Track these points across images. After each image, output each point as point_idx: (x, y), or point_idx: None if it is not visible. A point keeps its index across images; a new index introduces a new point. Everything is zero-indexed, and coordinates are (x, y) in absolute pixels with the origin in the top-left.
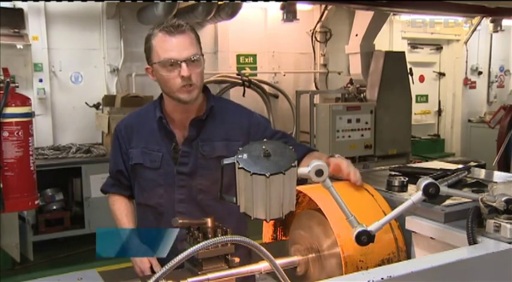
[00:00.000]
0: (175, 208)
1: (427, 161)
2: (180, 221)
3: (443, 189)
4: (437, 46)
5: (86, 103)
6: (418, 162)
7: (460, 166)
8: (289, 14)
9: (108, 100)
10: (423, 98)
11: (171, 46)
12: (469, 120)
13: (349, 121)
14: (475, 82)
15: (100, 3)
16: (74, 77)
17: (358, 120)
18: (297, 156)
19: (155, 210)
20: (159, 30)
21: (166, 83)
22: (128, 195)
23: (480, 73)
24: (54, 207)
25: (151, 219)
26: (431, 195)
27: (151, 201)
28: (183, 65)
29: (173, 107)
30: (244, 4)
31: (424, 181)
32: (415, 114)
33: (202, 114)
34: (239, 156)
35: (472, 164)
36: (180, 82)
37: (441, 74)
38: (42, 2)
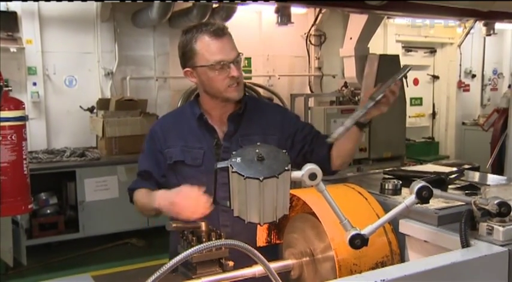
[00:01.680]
0: (218, 206)
1: (421, 163)
2: (174, 225)
3: (437, 192)
4: (431, 49)
5: (80, 106)
6: (412, 165)
7: (454, 169)
8: (284, 17)
9: (103, 104)
10: (417, 101)
11: (220, 49)
12: (463, 123)
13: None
14: (468, 85)
15: (94, 6)
16: (68, 81)
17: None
18: (329, 145)
19: None
20: (203, 34)
21: (214, 84)
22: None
23: (474, 76)
24: (48, 211)
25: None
26: (425, 199)
27: None
28: (232, 66)
29: (214, 104)
30: (239, 7)
31: (417, 184)
32: (409, 117)
33: (238, 109)
34: (232, 160)
35: (466, 166)
36: (229, 82)
37: (435, 77)
38: (36, 5)
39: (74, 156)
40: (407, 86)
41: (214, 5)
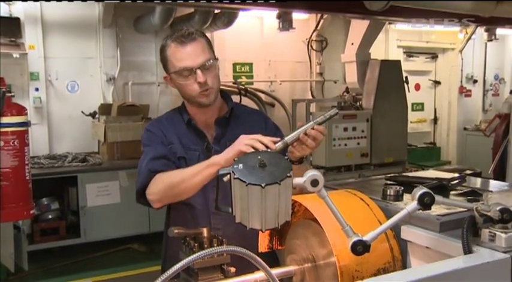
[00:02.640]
0: (209, 208)
1: (423, 169)
2: (176, 231)
3: (438, 198)
4: (433, 55)
5: (82, 112)
6: (414, 170)
7: (456, 175)
8: (285, 23)
9: (105, 109)
10: (419, 106)
11: (185, 55)
12: (465, 128)
13: (345, 129)
14: (470, 90)
15: (96, 12)
16: (70, 86)
17: (354, 129)
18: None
19: (190, 209)
20: (171, 41)
21: (185, 90)
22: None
23: (475, 81)
24: (50, 217)
25: (186, 218)
26: (427, 205)
27: (188, 199)
28: (198, 71)
29: (196, 110)
30: (241, 13)
31: (419, 191)
32: (411, 122)
33: (225, 113)
34: (235, 166)
35: (468, 172)
36: (198, 88)
37: (437, 83)
38: (39, 11)
39: (75, 162)
40: (409, 91)
41: (216, 11)
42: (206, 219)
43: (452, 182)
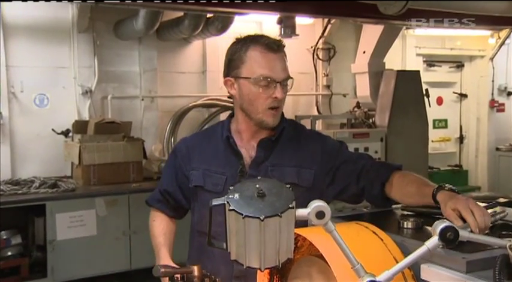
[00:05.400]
0: None
1: None
2: (162, 269)
3: (463, 234)
4: (458, 63)
5: (53, 130)
6: None
7: (486, 204)
8: (288, 28)
9: (80, 126)
10: (442, 123)
11: (271, 64)
12: (497, 149)
13: (357, 150)
14: (503, 104)
15: (70, 14)
16: (38, 100)
17: (366, 149)
18: (383, 178)
19: (213, 240)
20: (256, 44)
21: (254, 101)
22: (171, 215)
23: (509, 94)
24: (9, 253)
25: (209, 250)
26: (450, 241)
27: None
28: (279, 86)
29: (247, 125)
30: (237, 18)
31: (440, 224)
32: (432, 141)
33: (273, 134)
34: (230, 196)
35: (501, 200)
36: (270, 103)
37: (463, 96)
38: None
39: (44, 188)
40: (429, 105)
41: (209, 15)
42: (229, 266)
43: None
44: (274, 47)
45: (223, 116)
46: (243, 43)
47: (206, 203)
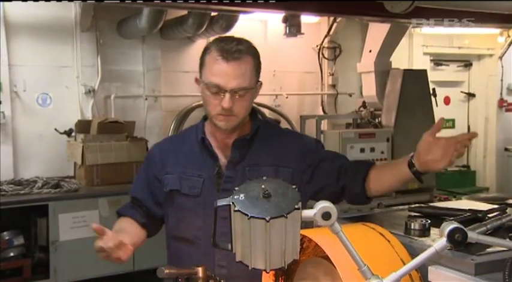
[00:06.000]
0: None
1: (454, 196)
2: (167, 270)
3: (472, 235)
4: (466, 62)
5: (56, 129)
6: (443, 199)
7: (495, 205)
8: (293, 27)
9: (82, 126)
10: (449, 123)
11: (220, 72)
12: (506, 149)
13: (362, 150)
14: None
15: (73, 13)
16: (41, 99)
17: (372, 150)
18: (363, 175)
19: (192, 244)
20: (215, 47)
21: (207, 105)
22: (142, 222)
23: None
24: (12, 254)
25: (187, 255)
26: (458, 243)
27: (188, 233)
28: (227, 95)
29: (213, 127)
30: (241, 16)
31: (448, 226)
32: None
33: (247, 133)
34: (235, 196)
35: (510, 201)
36: (219, 110)
37: (471, 95)
38: (1, 10)
39: (46, 188)
40: (436, 105)
41: (213, 13)
42: (209, 256)
43: (489, 215)
44: (227, 55)
45: None
46: (209, 45)
47: (183, 207)
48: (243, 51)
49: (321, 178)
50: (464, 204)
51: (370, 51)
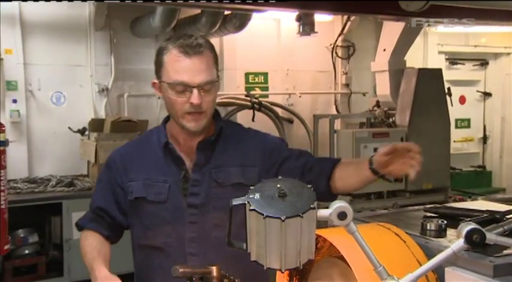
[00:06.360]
0: (185, 249)
1: (470, 197)
2: (181, 269)
3: (491, 236)
4: (482, 61)
5: (69, 128)
6: (459, 199)
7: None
8: (306, 26)
9: (96, 125)
10: (464, 123)
11: (185, 68)
12: None
13: (376, 150)
14: None
15: (86, 12)
16: (55, 98)
17: None
18: (327, 173)
19: (161, 252)
20: (173, 46)
21: (173, 106)
22: (106, 235)
23: None
24: (26, 252)
25: (156, 264)
26: (476, 244)
27: (157, 241)
28: (195, 91)
29: (178, 130)
30: (255, 15)
31: (466, 226)
32: (454, 141)
33: (211, 135)
34: (250, 196)
35: None
36: (188, 108)
37: (487, 94)
38: (17, 10)
39: (60, 186)
40: (451, 104)
41: (226, 12)
42: (180, 263)
43: (507, 216)
44: (189, 50)
45: (241, 115)
46: (164, 45)
47: (150, 215)
48: (203, 46)
49: (286, 176)
50: (481, 205)
51: (384, 50)
